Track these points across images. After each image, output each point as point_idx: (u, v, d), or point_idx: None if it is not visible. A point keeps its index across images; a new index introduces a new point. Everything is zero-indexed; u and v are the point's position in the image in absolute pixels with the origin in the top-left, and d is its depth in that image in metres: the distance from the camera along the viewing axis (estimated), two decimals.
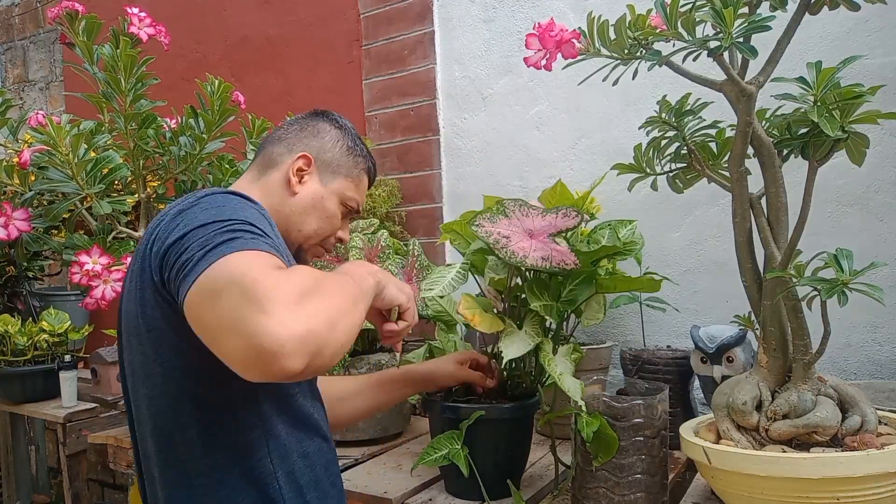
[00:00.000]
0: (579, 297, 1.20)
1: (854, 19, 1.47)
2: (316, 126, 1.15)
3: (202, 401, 0.88)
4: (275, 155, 1.12)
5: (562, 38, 0.96)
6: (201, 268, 0.74)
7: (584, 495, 1.10)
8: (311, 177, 1.11)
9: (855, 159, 0.99)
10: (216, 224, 0.79)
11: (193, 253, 0.76)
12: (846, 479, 0.89)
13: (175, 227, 0.82)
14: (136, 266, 0.90)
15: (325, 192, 1.12)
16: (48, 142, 1.36)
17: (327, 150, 1.13)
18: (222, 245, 0.75)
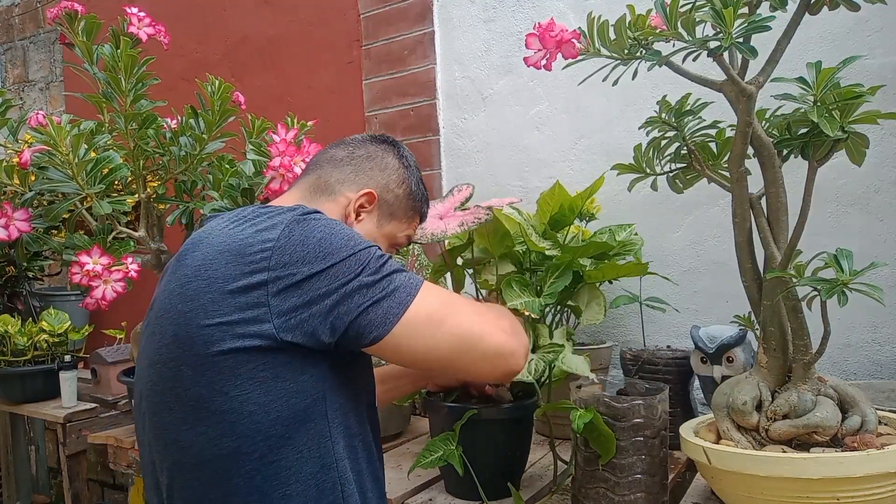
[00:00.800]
0: (560, 289, 1.20)
1: (854, 19, 1.47)
2: (384, 159, 1.07)
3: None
4: (333, 181, 1.03)
5: (562, 39, 0.96)
6: (415, 290, 0.83)
7: (584, 495, 1.10)
8: (369, 216, 1.04)
9: (855, 159, 0.99)
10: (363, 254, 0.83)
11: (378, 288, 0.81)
12: (846, 480, 0.89)
13: (305, 254, 0.80)
14: (199, 286, 0.81)
15: (378, 234, 1.06)
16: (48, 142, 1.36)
17: (391, 189, 1.06)
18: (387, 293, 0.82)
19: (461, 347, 0.85)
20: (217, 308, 0.79)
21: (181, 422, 0.82)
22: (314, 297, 0.79)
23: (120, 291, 1.42)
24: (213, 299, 0.79)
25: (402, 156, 1.09)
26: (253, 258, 0.79)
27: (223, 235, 0.84)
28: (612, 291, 1.70)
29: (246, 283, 0.79)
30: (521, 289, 1.17)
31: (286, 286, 0.78)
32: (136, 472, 1.68)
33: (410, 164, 1.10)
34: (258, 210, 0.89)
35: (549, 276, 1.21)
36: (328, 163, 1.06)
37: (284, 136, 1.42)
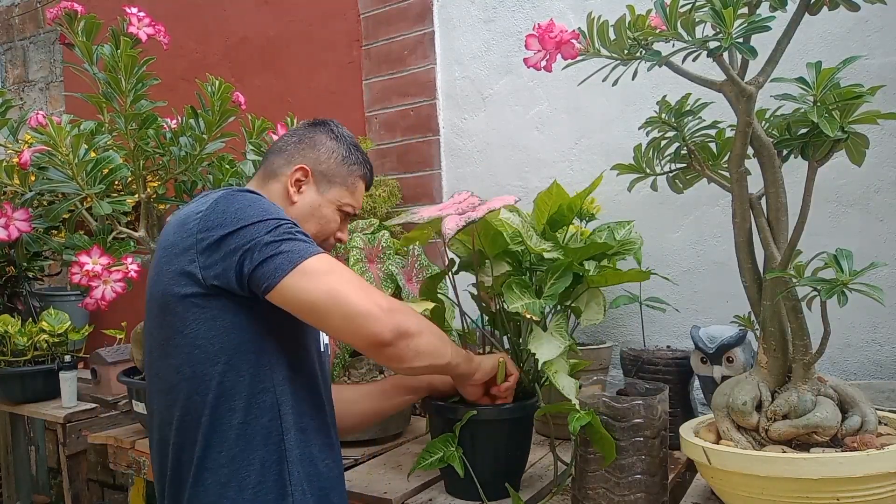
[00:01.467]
0: (561, 290, 1.19)
1: (854, 19, 1.47)
2: (313, 138, 1.25)
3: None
4: (275, 166, 1.23)
5: (561, 39, 0.96)
6: (307, 253, 0.96)
7: (584, 496, 1.10)
8: (308, 187, 1.22)
9: (855, 159, 0.99)
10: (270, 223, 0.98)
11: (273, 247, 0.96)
12: (846, 480, 0.89)
13: (223, 220, 0.98)
14: (162, 256, 1.03)
15: (322, 200, 1.23)
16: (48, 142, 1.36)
17: (322, 160, 1.23)
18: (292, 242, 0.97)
19: (331, 306, 0.94)
20: (170, 267, 1.01)
21: (157, 358, 1.05)
22: (226, 252, 0.97)
23: (120, 291, 1.42)
24: (168, 261, 1.02)
25: (330, 131, 1.27)
26: (188, 226, 1.00)
27: (177, 214, 1.07)
28: (611, 291, 1.70)
29: (184, 245, 1.00)
30: (522, 291, 1.17)
31: (207, 245, 0.98)
32: (136, 472, 1.68)
33: (339, 136, 1.27)
34: (205, 192, 1.10)
35: (550, 278, 1.21)
36: (272, 153, 1.26)
37: None
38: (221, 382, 1.00)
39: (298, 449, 1.04)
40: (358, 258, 1.54)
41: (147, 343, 1.09)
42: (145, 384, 1.15)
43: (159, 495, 1.08)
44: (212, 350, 1.00)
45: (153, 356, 1.07)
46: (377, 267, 1.57)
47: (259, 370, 1.02)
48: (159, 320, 1.03)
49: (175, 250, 1.01)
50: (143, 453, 1.64)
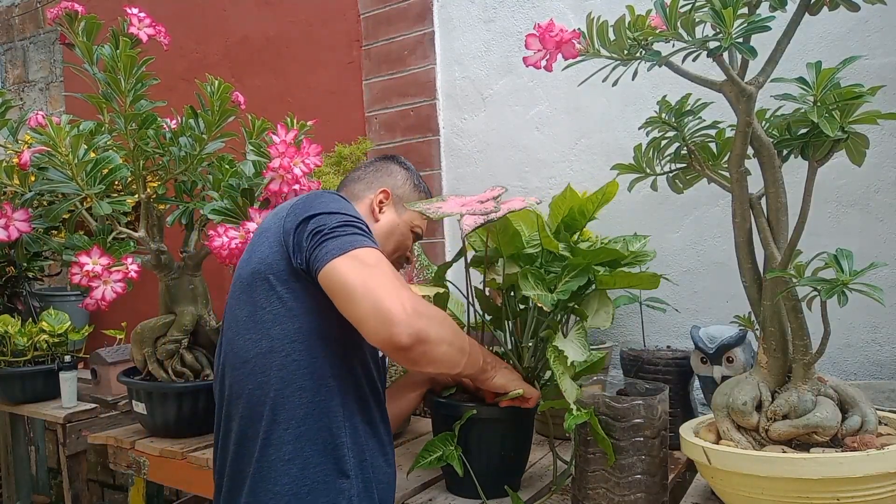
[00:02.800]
0: (574, 288, 1.19)
1: (854, 20, 1.47)
2: (388, 168, 1.45)
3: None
4: (357, 191, 1.42)
5: (561, 39, 0.96)
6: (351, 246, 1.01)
7: (584, 496, 1.10)
8: (388, 208, 1.40)
9: (855, 160, 0.99)
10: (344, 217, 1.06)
11: (336, 232, 1.03)
12: (846, 480, 0.89)
13: (308, 206, 1.07)
14: (255, 240, 1.13)
15: (400, 220, 1.41)
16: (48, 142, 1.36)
17: (399, 186, 1.43)
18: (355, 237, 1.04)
19: (361, 296, 0.97)
20: (260, 248, 1.09)
21: (234, 334, 1.11)
22: (303, 232, 1.04)
23: (120, 292, 1.42)
24: (260, 243, 1.10)
25: (401, 162, 1.48)
26: (280, 213, 1.10)
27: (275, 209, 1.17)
28: (611, 292, 1.70)
29: (274, 228, 1.09)
30: (536, 282, 1.18)
31: (292, 225, 1.05)
32: (136, 473, 1.68)
33: (409, 167, 1.48)
34: None
35: (565, 275, 1.21)
36: (349, 181, 1.46)
37: (284, 137, 1.42)
38: (297, 360, 1.04)
39: (358, 437, 1.08)
40: None
41: (226, 322, 1.15)
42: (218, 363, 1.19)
43: (219, 471, 1.13)
44: (291, 328, 1.05)
45: (230, 333, 1.12)
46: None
47: (332, 356, 1.06)
48: (244, 297, 1.09)
49: (267, 234, 1.09)
50: (143, 453, 1.65)
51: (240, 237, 1.37)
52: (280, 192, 1.38)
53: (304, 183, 1.40)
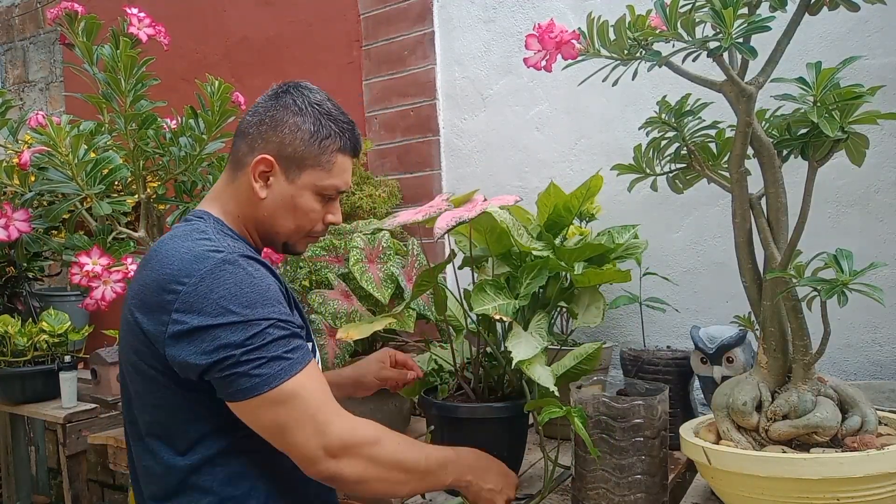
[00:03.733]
0: (534, 290, 1.19)
1: (854, 20, 1.47)
2: (273, 117, 1.06)
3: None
4: (240, 154, 1.09)
5: (561, 39, 0.96)
6: (266, 386, 0.91)
7: (584, 496, 1.10)
8: (276, 177, 1.07)
9: (855, 160, 0.99)
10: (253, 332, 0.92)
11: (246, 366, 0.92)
12: (846, 480, 0.89)
13: (203, 306, 0.92)
14: (133, 304, 1.00)
15: (294, 189, 1.07)
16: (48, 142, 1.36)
17: (287, 143, 1.05)
18: (273, 364, 0.92)
19: (278, 438, 0.94)
20: (140, 314, 0.98)
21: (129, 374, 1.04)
22: (197, 346, 0.91)
23: (119, 292, 1.42)
24: (141, 305, 0.98)
25: (292, 103, 1.07)
26: (166, 292, 0.94)
27: (162, 256, 0.98)
28: (612, 292, 1.70)
29: (157, 311, 0.95)
30: (496, 292, 1.17)
31: (179, 331, 0.92)
32: None
33: (303, 108, 1.07)
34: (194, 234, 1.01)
35: (525, 277, 1.21)
36: (237, 135, 1.11)
37: None
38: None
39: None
40: (358, 258, 1.54)
41: (122, 354, 1.06)
42: None
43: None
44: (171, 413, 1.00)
45: (127, 371, 1.05)
46: (377, 267, 1.57)
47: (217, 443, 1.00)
48: (131, 346, 1.01)
49: (149, 302, 0.96)
50: None
51: None
52: None
53: None
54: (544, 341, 1.14)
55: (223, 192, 1.11)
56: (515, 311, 1.17)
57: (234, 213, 1.09)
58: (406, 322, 1.37)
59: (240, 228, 1.10)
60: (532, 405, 1.16)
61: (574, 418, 1.04)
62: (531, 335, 1.15)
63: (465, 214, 1.10)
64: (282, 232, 1.11)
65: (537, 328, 1.18)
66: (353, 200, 2.00)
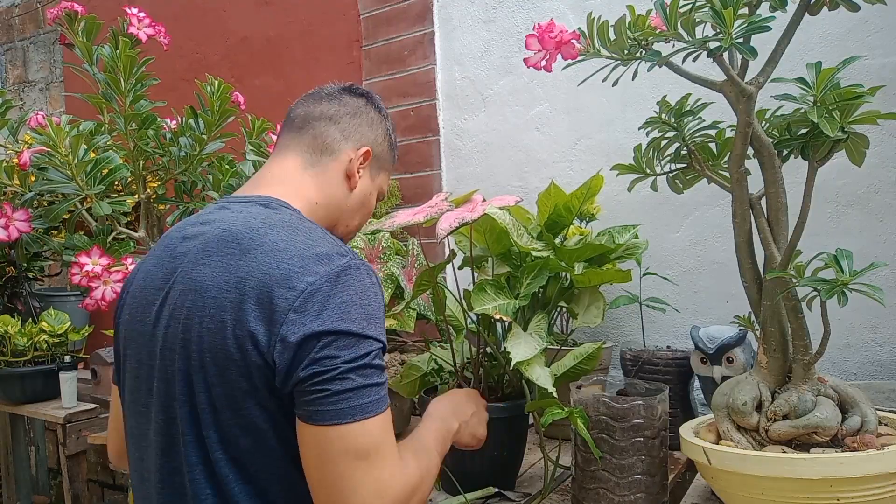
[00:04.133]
0: (534, 289, 1.19)
1: (854, 20, 1.47)
2: (369, 114, 1.08)
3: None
4: (330, 140, 1.03)
5: (561, 39, 0.96)
6: (349, 416, 0.80)
7: (584, 496, 1.10)
8: (365, 172, 1.06)
9: (855, 160, 0.99)
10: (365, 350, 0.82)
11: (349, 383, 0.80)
12: (846, 480, 0.89)
13: (321, 310, 0.81)
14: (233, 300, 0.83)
15: (372, 187, 1.09)
16: (48, 143, 1.36)
17: (379, 143, 1.08)
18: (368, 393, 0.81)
19: (338, 489, 0.81)
20: (239, 316, 0.82)
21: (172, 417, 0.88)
22: (303, 348, 0.80)
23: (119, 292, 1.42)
24: (240, 308, 0.82)
25: (379, 108, 1.10)
26: (285, 290, 0.82)
27: (266, 251, 0.85)
28: (612, 292, 1.70)
29: (271, 309, 0.81)
30: (496, 292, 1.17)
31: (294, 333, 0.80)
32: None
33: (387, 116, 1.11)
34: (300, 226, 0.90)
35: (525, 277, 1.20)
36: (320, 120, 1.04)
37: None
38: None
39: None
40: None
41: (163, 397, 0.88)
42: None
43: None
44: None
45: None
46: (377, 267, 1.57)
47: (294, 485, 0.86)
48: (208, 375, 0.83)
49: (256, 307, 0.82)
50: None
51: None
52: None
53: None
54: (543, 342, 1.14)
55: (299, 177, 1.01)
56: (515, 312, 1.17)
57: (313, 200, 1.00)
58: (406, 322, 1.37)
59: (312, 217, 0.99)
60: (532, 406, 1.16)
61: (576, 419, 1.04)
62: (530, 335, 1.15)
63: (467, 216, 1.09)
64: (349, 226, 1.08)
65: (537, 328, 1.18)
66: None
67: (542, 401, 1.11)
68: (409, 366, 1.38)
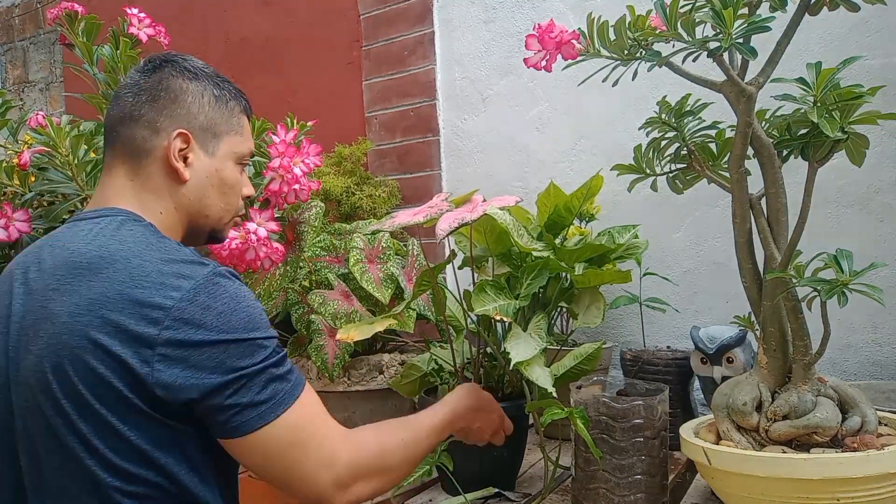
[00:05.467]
0: (534, 290, 1.19)
1: (854, 20, 1.47)
2: (168, 87, 0.94)
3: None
4: (139, 140, 0.93)
5: (561, 39, 0.96)
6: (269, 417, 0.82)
7: (584, 496, 1.10)
8: (194, 153, 0.95)
9: (855, 160, 0.99)
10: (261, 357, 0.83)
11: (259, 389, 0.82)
12: (846, 480, 0.89)
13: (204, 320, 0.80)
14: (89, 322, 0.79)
15: (217, 162, 0.97)
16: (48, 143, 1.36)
17: (196, 112, 0.95)
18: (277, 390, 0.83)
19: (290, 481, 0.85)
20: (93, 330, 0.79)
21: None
22: (199, 364, 0.79)
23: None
24: (93, 321, 0.79)
25: (184, 70, 0.96)
26: (151, 305, 0.79)
27: (121, 270, 0.82)
28: (612, 292, 1.70)
29: (137, 326, 0.79)
30: (496, 293, 1.17)
31: (179, 343, 0.79)
32: None
33: (197, 72, 0.97)
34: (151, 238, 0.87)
35: (525, 278, 1.20)
36: (121, 123, 0.94)
37: (284, 137, 1.42)
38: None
39: None
40: (358, 258, 1.54)
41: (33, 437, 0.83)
42: None
43: None
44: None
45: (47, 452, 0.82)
46: (377, 267, 1.57)
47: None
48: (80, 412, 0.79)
49: (117, 329, 0.78)
50: None
51: (240, 237, 1.37)
52: (280, 192, 1.38)
53: (304, 183, 1.40)
54: (543, 342, 1.14)
55: (125, 190, 0.94)
56: (516, 312, 1.17)
57: (153, 208, 0.93)
58: (406, 322, 1.37)
59: (164, 228, 0.94)
60: (532, 406, 1.16)
61: (576, 420, 1.04)
62: (530, 336, 1.15)
63: (467, 216, 1.09)
64: (212, 215, 0.99)
65: (536, 329, 1.18)
66: (353, 200, 2.00)
67: (542, 401, 1.11)
68: (409, 366, 1.38)
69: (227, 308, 0.82)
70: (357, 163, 2.09)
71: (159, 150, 0.93)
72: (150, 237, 0.88)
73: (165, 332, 0.78)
